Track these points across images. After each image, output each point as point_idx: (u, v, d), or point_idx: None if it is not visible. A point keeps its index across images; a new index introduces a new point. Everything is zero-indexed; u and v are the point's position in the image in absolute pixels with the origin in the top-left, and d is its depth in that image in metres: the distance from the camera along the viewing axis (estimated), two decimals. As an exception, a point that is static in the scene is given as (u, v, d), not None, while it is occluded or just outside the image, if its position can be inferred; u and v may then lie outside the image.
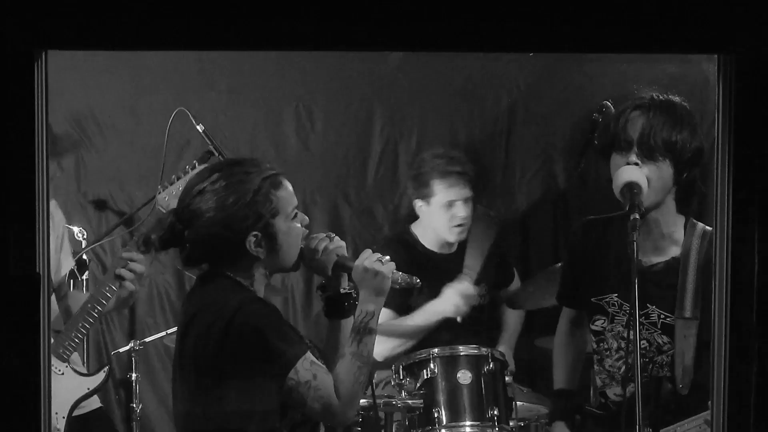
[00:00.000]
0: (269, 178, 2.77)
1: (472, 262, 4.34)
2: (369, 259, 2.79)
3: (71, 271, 4.48)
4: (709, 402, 2.17)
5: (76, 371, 3.75)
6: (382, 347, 4.34)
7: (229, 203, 2.70)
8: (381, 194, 4.96)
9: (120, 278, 3.52)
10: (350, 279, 2.85)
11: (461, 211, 4.32)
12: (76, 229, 4.57)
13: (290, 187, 2.82)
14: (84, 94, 4.76)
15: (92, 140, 4.83)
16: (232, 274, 2.76)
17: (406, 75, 4.87)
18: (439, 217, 4.34)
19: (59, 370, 3.69)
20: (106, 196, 4.81)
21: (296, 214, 2.80)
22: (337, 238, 2.87)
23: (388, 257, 2.82)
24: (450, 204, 4.31)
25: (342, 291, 2.86)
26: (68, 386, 3.72)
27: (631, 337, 2.98)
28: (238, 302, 2.70)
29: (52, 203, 3.79)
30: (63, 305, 3.75)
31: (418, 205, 4.40)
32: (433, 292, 4.31)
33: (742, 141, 2.05)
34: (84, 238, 4.55)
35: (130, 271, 3.50)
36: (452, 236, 4.36)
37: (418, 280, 2.88)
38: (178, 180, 3.94)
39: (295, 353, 2.66)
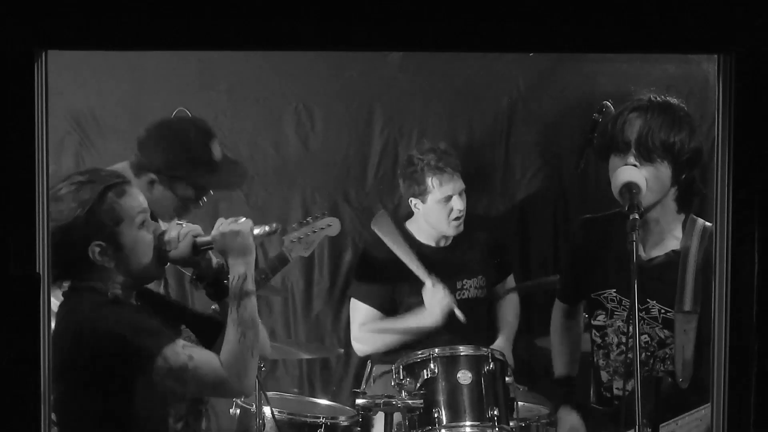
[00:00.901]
0: (113, 187, 2.73)
1: None
2: (223, 224, 2.78)
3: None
4: (709, 402, 2.16)
5: None
6: (367, 346, 4.39)
7: (71, 214, 2.68)
8: (381, 194, 4.97)
9: None
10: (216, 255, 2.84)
11: (458, 204, 4.35)
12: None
13: (139, 196, 2.79)
14: (84, 94, 4.76)
15: (92, 140, 4.83)
16: (89, 284, 2.74)
17: (406, 75, 4.87)
18: (438, 212, 4.36)
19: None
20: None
21: (145, 221, 2.77)
22: (187, 223, 2.86)
23: (243, 217, 2.83)
24: (447, 199, 4.34)
25: (215, 269, 2.85)
26: None
27: (631, 332, 2.99)
28: (90, 307, 2.69)
29: None
30: None
31: (413, 203, 4.42)
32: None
33: (742, 141, 2.05)
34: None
35: None
36: (451, 230, 4.39)
37: (276, 225, 2.87)
38: (301, 227, 4.08)
39: (156, 343, 2.64)
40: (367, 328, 4.39)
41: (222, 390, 2.73)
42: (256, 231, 2.81)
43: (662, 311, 3.12)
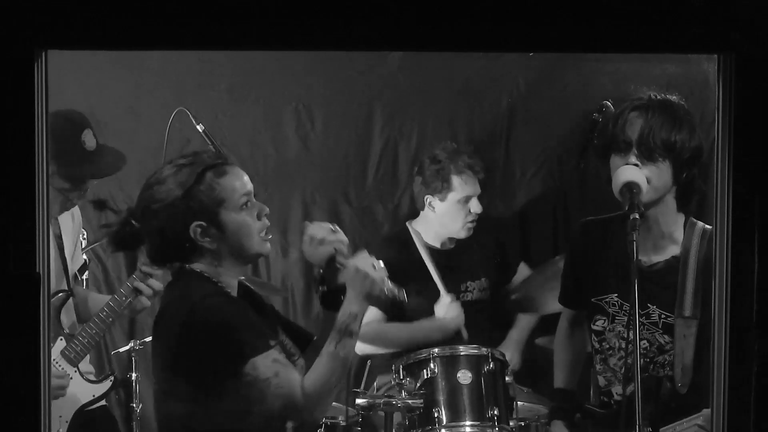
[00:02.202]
0: (213, 168, 2.73)
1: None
2: (363, 260, 2.77)
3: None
4: (709, 402, 2.16)
5: (84, 377, 3.76)
6: (368, 346, 4.39)
7: (171, 195, 2.68)
8: (381, 194, 4.97)
9: (138, 292, 3.56)
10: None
11: (476, 207, 4.35)
12: (75, 229, 4.57)
13: (241, 176, 2.77)
14: (84, 94, 4.76)
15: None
16: (198, 269, 2.73)
17: (406, 75, 4.87)
18: (455, 212, 4.37)
19: (68, 375, 3.70)
20: (106, 196, 4.80)
21: (247, 203, 2.75)
22: (341, 232, 2.85)
23: (381, 262, 2.81)
24: (467, 199, 4.34)
25: (340, 283, 2.83)
26: (75, 391, 3.72)
27: (631, 336, 2.98)
28: (199, 296, 2.68)
29: (75, 208, 3.82)
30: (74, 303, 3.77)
31: (428, 201, 4.41)
32: (430, 288, 4.35)
33: (742, 141, 2.05)
34: (84, 238, 4.55)
35: (149, 287, 3.55)
36: (464, 232, 4.40)
37: (405, 297, 2.86)
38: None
39: (253, 347, 2.62)
40: (371, 327, 4.38)
41: (292, 413, 2.68)
42: (389, 286, 2.79)
43: (662, 316, 3.11)
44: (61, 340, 3.68)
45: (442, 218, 4.41)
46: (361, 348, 4.46)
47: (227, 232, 2.71)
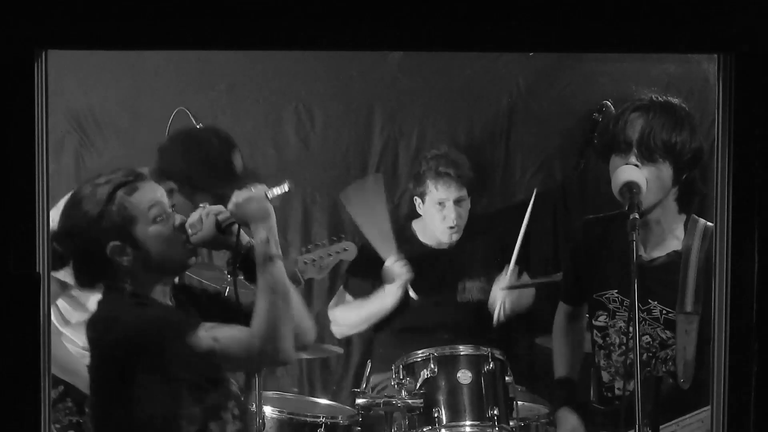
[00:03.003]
0: (123, 185, 2.72)
1: None
2: (236, 196, 2.75)
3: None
4: (710, 401, 2.16)
5: None
6: (339, 327, 4.53)
7: (86, 217, 2.68)
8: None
9: None
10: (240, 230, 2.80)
11: (451, 212, 4.37)
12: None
13: (154, 190, 2.76)
14: (84, 94, 4.76)
15: (92, 140, 4.82)
16: (123, 286, 2.74)
17: (406, 75, 4.87)
18: (432, 217, 4.44)
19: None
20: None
21: (160, 215, 2.74)
22: (209, 204, 2.83)
23: (257, 183, 2.80)
24: (441, 204, 4.37)
25: (246, 248, 2.80)
26: None
27: (631, 331, 2.99)
28: (120, 311, 2.70)
29: None
30: None
31: (417, 202, 4.49)
32: (429, 285, 4.38)
33: (742, 141, 2.05)
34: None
35: None
36: (445, 237, 4.44)
37: (289, 183, 2.83)
38: (316, 249, 4.08)
39: (179, 330, 2.63)
40: (336, 307, 4.52)
41: (258, 362, 2.73)
42: (271, 193, 2.78)
43: (664, 312, 3.12)
44: None
45: (425, 219, 4.51)
46: (336, 330, 4.59)
47: (143, 248, 2.71)
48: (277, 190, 2.80)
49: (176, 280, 2.93)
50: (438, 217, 4.43)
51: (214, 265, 4.60)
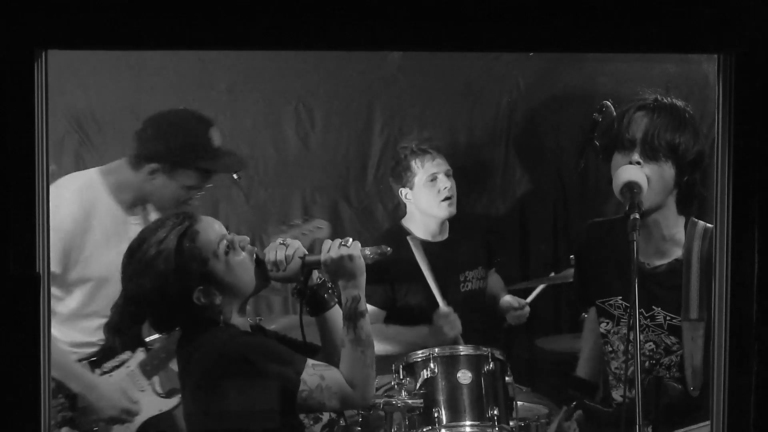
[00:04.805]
0: (184, 235, 2.75)
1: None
2: (333, 248, 2.80)
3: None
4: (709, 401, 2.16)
5: (155, 391, 3.76)
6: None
7: (159, 277, 2.72)
8: (381, 194, 4.97)
9: None
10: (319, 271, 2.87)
11: (444, 182, 4.37)
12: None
13: (210, 227, 2.79)
14: (84, 94, 4.76)
15: (92, 140, 4.82)
16: (212, 317, 2.78)
17: (406, 75, 4.87)
18: (426, 195, 4.42)
19: (142, 387, 3.70)
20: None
21: (229, 245, 2.78)
22: (290, 239, 2.87)
23: (350, 238, 2.84)
24: (432, 178, 4.38)
25: (315, 285, 2.87)
26: (144, 403, 3.72)
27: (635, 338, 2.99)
28: (222, 340, 2.75)
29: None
30: None
31: (404, 194, 4.47)
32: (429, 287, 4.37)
33: (742, 141, 2.05)
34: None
35: None
36: (442, 211, 4.43)
37: (389, 248, 2.89)
38: (290, 229, 4.11)
39: (295, 369, 2.72)
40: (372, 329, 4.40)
41: (350, 405, 2.87)
42: (368, 252, 2.83)
43: (667, 318, 3.11)
44: (141, 351, 3.69)
45: (418, 204, 4.46)
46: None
47: (225, 282, 2.76)
48: (375, 251, 2.85)
49: None
50: (432, 193, 4.41)
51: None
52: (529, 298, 4.57)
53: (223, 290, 2.76)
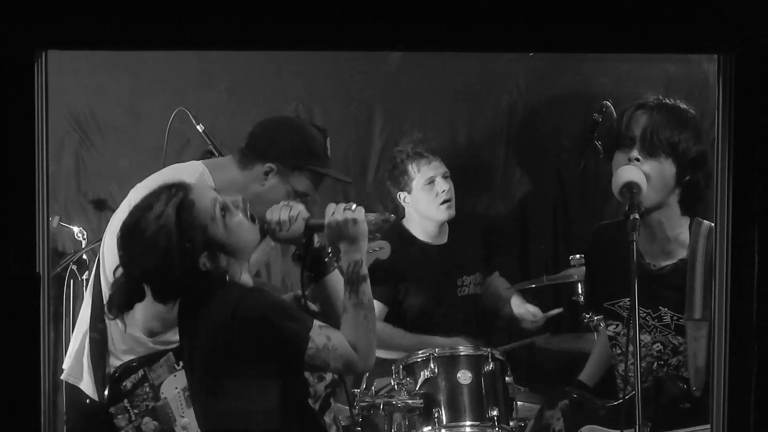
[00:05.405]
0: (181, 207, 2.74)
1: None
2: (337, 211, 2.81)
3: (71, 271, 4.48)
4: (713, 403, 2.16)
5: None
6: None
7: (163, 251, 2.70)
8: (381, 194, 4.96)
9: None
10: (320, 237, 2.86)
11: (442, 185, 4.37)
12: (76, 229, 4.57)
13: (202, 193, 2.79)
14: (84, 94, 4.76)
15: (92, 140, 4.83)
16: (226, 282, 2.77)
17: (406, 75, 4.87)
18: (424, 199, 4.42)
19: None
20: (106, 196, 4.80)
21: (223, 207, 2.77)
22: (293, 203, 2.87)
23: (353, 203, 2.84)
24: (430, 181, 4.38)
25: (316, 249, 2.87)
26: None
27: (643, 339, 3.00)
28: (235, 298, 2.73)
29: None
30: None
31: (402, 198, 4.47)
32: (430, 282, 4.38)
33: (742, 141, 2.05)
34: (84, 238, 4.55)
35: None
36: (440, 214, 4.43)
37: (392, 215, 2.91)
38: None
39: (305, 325, 2.71)
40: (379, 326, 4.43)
41: (353, 368, 2.81)
42: (371, 218, 2.84)
43: (674, 318, 3.11)
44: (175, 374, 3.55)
45: (417, 208, 4.46)
46: None
47: (227, 244, 2.76)
48: (378, 217, 2.86)
49: None
50: (430, 197, 4.40)
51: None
52: (549, 313, 4.55)
53: (226, 252, 2.75)
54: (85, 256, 4.43)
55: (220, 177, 3.56)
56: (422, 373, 3.48)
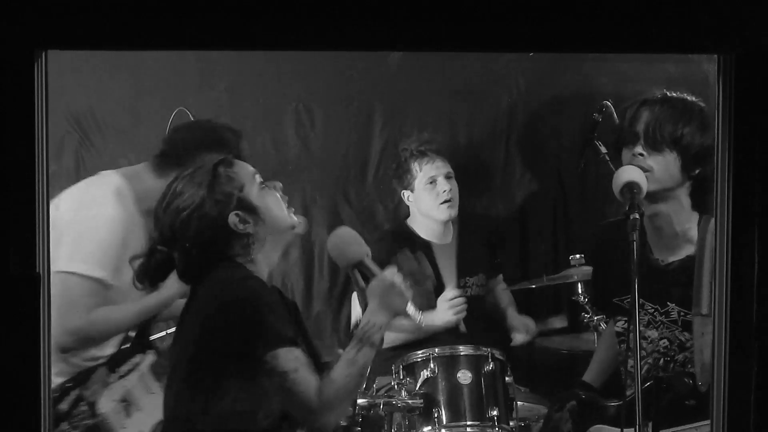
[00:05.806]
0: (220, 163, 2.79)
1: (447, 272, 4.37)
2: (391, 273, 2.79)
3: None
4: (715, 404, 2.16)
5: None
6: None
7: (196, 197, 2.71)
8: (381, 194, 4.97)
9: None
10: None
11: (444, 185, 4.37)
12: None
13: (244, 166, 2.83)
14: (84, 94, 4.77)
15: (92, 140, 4.83)
16: (237, 260, 2.75)
17: (406, 75, 4.87)
18: (426, 197, 4.42)
19: (152, 390, 3.66)
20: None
21: (262, 182, 2.81)
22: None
23: (408, 283, 2.83)
24: (431, 181, 4.37)
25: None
26: (157, 405, 3.68)
27: (650, 335, 3.00)
28: (238, 277, 2.69)
29: None
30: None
31: (406, 196, 4.47)
32: (429, 285, 4.38)
33: (742, 141, 2.05)
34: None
35: None
36: (442, 214, 4.42)
37: (422, 320, 2.91)
38: None
39: (280, 337, 2.59)
40: None
41: (307, 416, 2.64)
42: (410, 308, 2.81)
43: (681, 314, 3.11)
44: (151, 353, 3.61)
45: (419, 206, 4.46)
46: None
47: (260, 212, 2.75)
48: (413, 311, 2.83)
49: None
50: (431, 197, 4.40)
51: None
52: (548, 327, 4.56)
53: (256, 219, 2.74)
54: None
55: (137, 187, 3.53)
56: (422, 372, 3.48)
